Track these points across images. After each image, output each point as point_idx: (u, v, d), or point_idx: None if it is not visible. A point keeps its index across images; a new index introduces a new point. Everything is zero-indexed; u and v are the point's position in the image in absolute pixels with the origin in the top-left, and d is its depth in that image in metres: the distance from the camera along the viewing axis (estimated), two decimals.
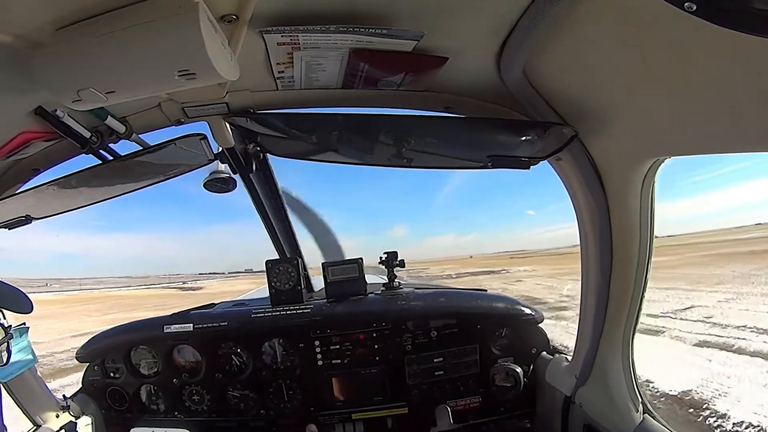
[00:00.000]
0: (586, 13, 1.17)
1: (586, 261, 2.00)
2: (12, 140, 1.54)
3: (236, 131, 1.97)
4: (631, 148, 1.57)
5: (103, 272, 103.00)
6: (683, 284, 19.30)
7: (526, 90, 1.58)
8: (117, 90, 1.20)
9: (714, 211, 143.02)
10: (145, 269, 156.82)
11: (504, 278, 35.45)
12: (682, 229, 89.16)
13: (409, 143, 1.81)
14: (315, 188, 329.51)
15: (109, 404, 2.79)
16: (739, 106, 1.10)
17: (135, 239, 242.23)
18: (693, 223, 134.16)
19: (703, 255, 31.90)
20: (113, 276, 67.86)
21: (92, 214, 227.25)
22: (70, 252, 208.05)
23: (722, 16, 0.79)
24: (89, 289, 48.37)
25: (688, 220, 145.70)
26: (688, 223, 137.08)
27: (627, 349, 1.99)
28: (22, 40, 1.08)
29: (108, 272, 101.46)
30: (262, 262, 2.94)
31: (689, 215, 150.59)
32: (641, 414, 1.96)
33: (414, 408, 2.74)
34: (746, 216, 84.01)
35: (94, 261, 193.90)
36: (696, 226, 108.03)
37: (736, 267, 23.65)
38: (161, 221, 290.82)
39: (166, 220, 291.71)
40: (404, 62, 1.47)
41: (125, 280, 64.27)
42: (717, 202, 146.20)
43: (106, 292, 46.10)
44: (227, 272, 57.13)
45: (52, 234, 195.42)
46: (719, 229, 60.45)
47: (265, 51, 1.38)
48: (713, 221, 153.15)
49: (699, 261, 28.81)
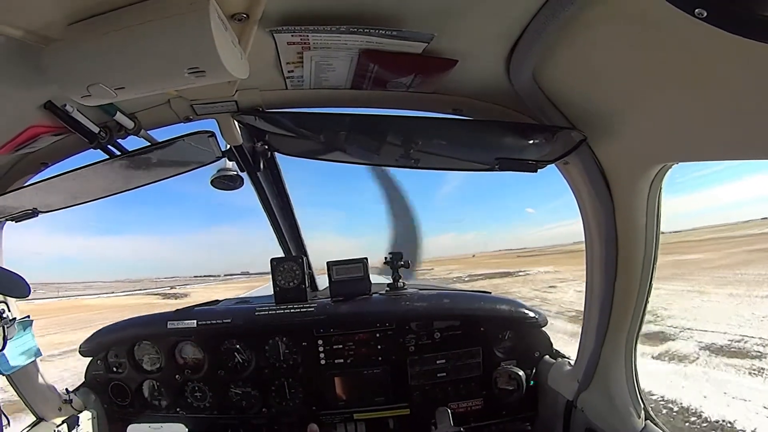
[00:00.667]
0: (596, 17, 1.16)
1: (591, 264, 1.99)
2: (21, 134, 1.55)
3: (245, 129, 1.97)
4: (639, 154, 1.56)
5: (95, 276, 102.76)
6: (744, 289, 15.77)
7: (535, 93, 1.58)
8: (126, 86, 1.20)
9: (722, 205, 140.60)
10: (140, 272, 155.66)
11: (529, 282, 29.88)
12: (696, 223, 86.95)
13: (416, 144, 1.81)
14: (317, 187, 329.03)
15: (111, 399, 2.80)
16: (749, 112, 1.10)
17: (134, 241, 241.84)
18: (702, 217, 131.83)
19: (745, 251, 27.18)
20: (103, 280, 66.01)
21: (92, 215, 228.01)
22: (68, 255, 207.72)
23: (732, 23, 0.79)
24: (67, 296, 46.19)
25: (698, 213, 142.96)
26: (700, 216, 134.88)
27: (630, 354, 1.98)
28: (33, 34, 1.08)
29: (100, 276, 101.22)
30: (259, 264, 2.88)
31: (695, 210, 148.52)
32: (643, 420, 1.95)
33: (416, 409, 2.73)
34: (751, 211, 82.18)
35: (91, 264, 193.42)
36: (707, 220, 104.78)
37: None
38: (160, 223, 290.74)
39: (165, 221, 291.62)
40: (414, 64, 1.47)
41: (114, 285, 62.29)
42: (725, 197, 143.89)
43: (81, 300, 42.25)
44: (223, 275, 56.57)
45: (53, 236, 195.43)
46: (734, 222, 56.89)
47: (275, 50, 1.38)
48: (724, 215, 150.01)
49: (745, 259, 24.09)
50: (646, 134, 1.47)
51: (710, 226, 56.75)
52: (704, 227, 56.61)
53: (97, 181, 2.03)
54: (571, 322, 12.89)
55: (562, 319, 13.91)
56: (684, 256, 27.21)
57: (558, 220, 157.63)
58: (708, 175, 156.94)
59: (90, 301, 42.73)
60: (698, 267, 23.73)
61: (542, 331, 2.76)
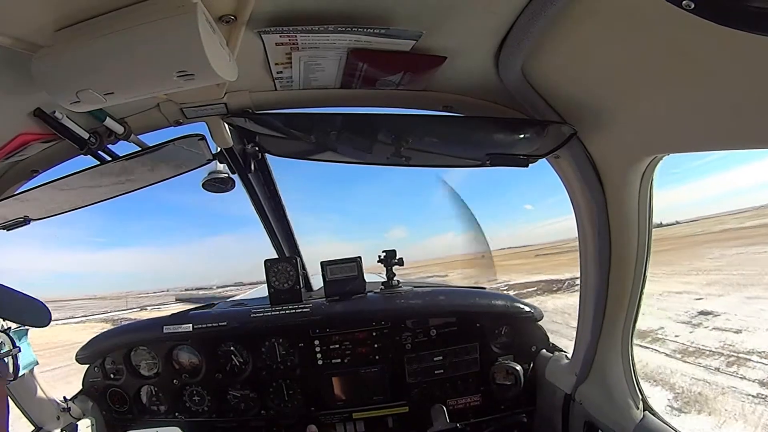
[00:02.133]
0: (583, 11, 1.17)
1: (585, 257, 2.01)
2: (10, 142, 1.54)
3: (235, 131, 1.97)
4: (630, 146, 1.57)
5: (85, 291, 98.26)
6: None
7: (524, 89, 1.58)
8: (116, 91, 1.20)
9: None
10: (129, 285, 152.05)
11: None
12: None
13: (407, 142, 1.81)
14: (311, 192, 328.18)
15: (110, 405, 2.79)
16: (737, 103, 1.11)
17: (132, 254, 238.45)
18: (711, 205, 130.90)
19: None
20: (81, 297, 61.45)
21: (93, 230, 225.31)
22: (65, 271, 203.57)
23: (720, 14, 0.80)
24: None
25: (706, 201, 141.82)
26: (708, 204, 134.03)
27: (626, 345, 1.99)
28: (21, 42, 1.08)
29: (82, 291, 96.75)
30: (252, 275, 2.80)
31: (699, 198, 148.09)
32: (642, 411, 1.96)
33: (414, 407, 2.74)
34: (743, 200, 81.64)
35: (86, 279, 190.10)
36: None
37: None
38: (154, 236, 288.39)
39: (160, 234, 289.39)
40: (403, 62, 1.47)
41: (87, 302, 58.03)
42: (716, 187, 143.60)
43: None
44: (215, 286, 55.16)
45: (52, 252, 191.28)
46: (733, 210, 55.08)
47: (264, 51, 1.38)
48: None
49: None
50: (637, 126, 1.47)
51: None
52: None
53: (89, 187, 2.02)
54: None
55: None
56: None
57: (557, 215, 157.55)
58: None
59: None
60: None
61: (538, 326, 2.77)
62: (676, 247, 31.87)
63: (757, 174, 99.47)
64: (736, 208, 58.85)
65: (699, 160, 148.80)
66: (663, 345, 12.29)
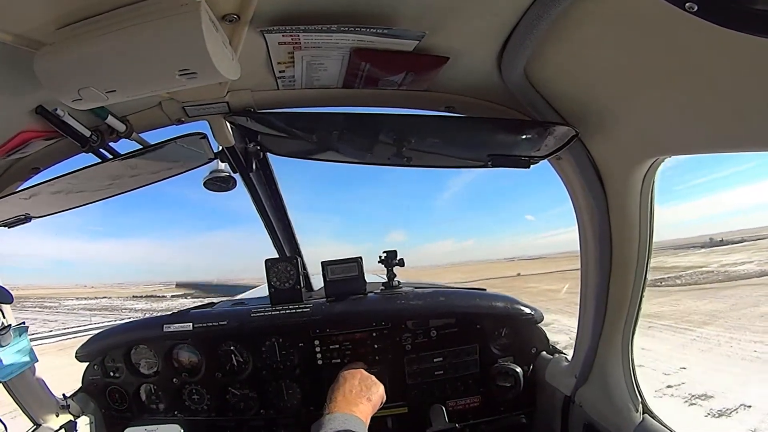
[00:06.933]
0: (587, 13, 1.17)
1: (586, 260, 2.00)
2: (12, 139, 1.54)
3: (236, 130, 1.97)
4: (632, 148, 1.57)
5: (76, 279, 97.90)
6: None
7: (526, 90, 1.58)
8: (118, 89, 1.20)
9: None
10: (120, 276, 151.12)
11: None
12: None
13: (409, 142, 1.81)
14: (312, 192, 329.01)
15: (109, 403, 2.79)
16: (739, 105, 1.11)
17: (132, 245, 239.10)
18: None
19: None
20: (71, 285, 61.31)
21: (91, 218, 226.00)
22: (59, 257, 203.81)
23: (723, 17, 0.79)
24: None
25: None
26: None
27: (627, 348, 1.99)
28: (23, 39, 1.08)
29: (73, 280, 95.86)
30: (254, 273, 2.86)
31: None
32: (641, 414, 1.96)
33: (414, 408, 2.73)
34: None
35: (86, 267, 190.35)
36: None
37: None
38: (157, 228, 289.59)
39: (163, 226, 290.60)
40: (405, 62, 1.47)
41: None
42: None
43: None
44: (213, 284, 54.06)
45: (50, 239, 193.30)
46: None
47: (266, 50, 1.38)
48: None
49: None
50: (638, 128, 1.47)
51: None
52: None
53: (90, 185, 2.02)
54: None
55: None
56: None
57: (558, 227, 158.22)
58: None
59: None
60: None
61: (538, 327, 2.76)
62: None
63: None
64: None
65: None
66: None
